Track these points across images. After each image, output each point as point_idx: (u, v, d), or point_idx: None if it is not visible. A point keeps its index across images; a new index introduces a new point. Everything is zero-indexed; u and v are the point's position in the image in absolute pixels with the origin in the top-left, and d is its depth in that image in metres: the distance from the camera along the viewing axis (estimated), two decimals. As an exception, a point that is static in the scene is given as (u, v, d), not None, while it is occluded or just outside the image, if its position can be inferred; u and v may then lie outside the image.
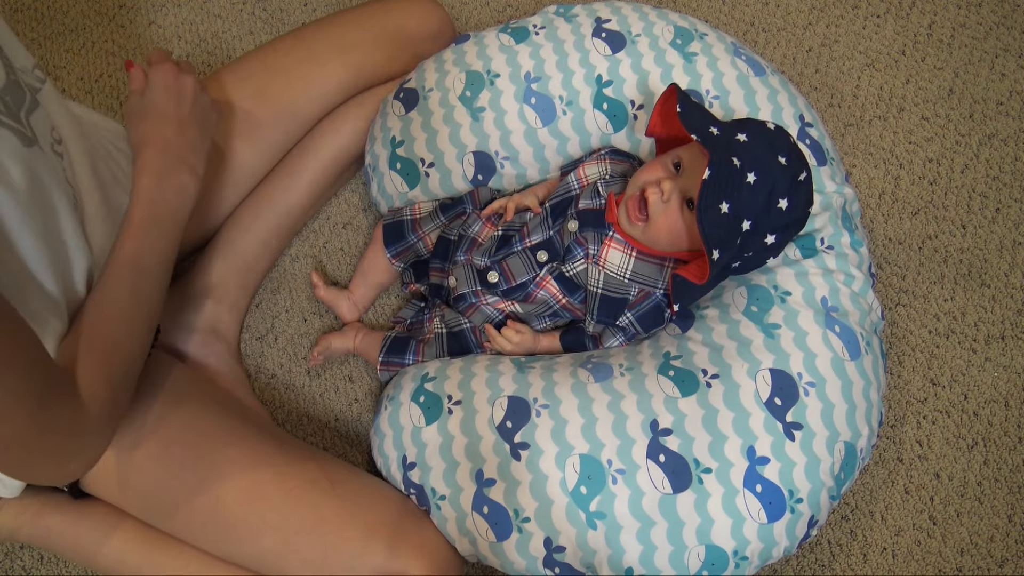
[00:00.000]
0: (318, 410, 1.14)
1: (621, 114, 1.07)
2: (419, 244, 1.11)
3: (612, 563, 0.86)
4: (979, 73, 1.32)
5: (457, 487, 0.91)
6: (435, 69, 1.12)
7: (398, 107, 1.11)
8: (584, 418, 0.89)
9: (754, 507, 0.86)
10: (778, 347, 0.92)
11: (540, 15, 1.14)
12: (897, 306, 1.18)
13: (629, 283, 0.96)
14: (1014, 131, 1.28)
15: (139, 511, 0.92)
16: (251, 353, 1.16)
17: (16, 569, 1.06)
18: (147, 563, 0.93)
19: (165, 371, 0.96)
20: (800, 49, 1.34)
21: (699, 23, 1.12)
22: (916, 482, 1.09)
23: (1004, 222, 1.23)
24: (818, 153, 1.05)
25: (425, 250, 1.11)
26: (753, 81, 1.07)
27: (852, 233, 1.03)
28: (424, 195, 1.12)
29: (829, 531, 1.07)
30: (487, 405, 0.93)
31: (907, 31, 1.35)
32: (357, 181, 1.25)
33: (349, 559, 0.86)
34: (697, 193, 0.83)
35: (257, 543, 0.87)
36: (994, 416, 1.12)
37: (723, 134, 0.86)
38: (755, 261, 0.93)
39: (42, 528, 0.96)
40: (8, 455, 0.64)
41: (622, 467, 0.87)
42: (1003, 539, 1.07)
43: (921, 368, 1.15)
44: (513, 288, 1.00)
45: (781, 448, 0.88)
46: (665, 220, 0.90)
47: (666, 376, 0.92)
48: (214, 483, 0.87)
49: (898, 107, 1.30)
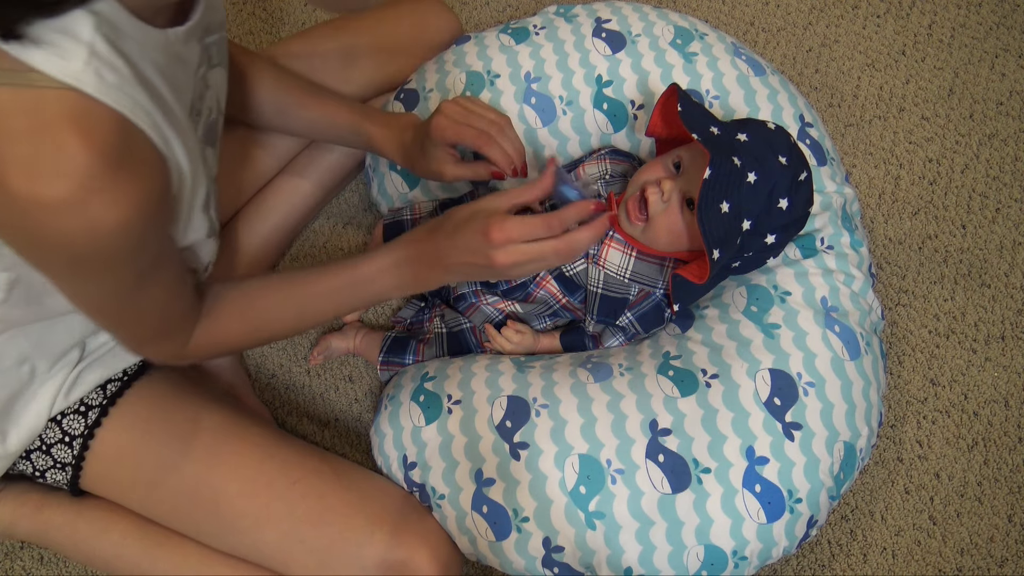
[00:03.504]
0: (318, 410, 1.14)
1: (621, 114, 1.07)
2: (419, 244, 1.11)
3: (611, 563, 0.86)
4: (979, 73, 1.32)
5: (456, 487, 0.91)
6: (435, 70, 1.12)
7: (398, 108, 1.11)
8: (583, 418, 0.89)
9: (753, 507, 0.86)
10: (778, 347, 0.92)
11: (540, 15, 1.14)
12: (897, 306, 1.18)
13: (629, 283, 0.96)
14: (1014, 131, 1.28)
15: (141, 505, 0.92)
16: (251, 353, 1.16)
17: (16, 569, 1.06)
18: (145, 558, 0.94)
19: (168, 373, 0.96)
20: (800, 49, 1.34)
21: (699, 23, 1.12)
22: (916, 482, 1.09)
23: (1004, 222, 1.23)
24: (818, 153, 1.05)
25: (425, 250, 1.11)
26: (753, 81, 1.07)
27: (852, 233, 1.03)
28: (424, 195, 1.12)
29: (829, 531, 1.07)
30: (487, 405, 0.93)
31: (907, 31, 1.35)
32: (358, 181, 1.25)
33: (355, 548, 0.87)
34: (697, 193, 0.82)
35: (261, 534, 0.88)
36: (994, 416, 1.12)
37: (724, 134, 0.86)
38: (755, 261, 0.93)
39: (41, 522, 0.96)
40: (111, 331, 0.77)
41: (621, 467, 0.87)
42: (1003, 539, 1.07)
43: (921, 368, 1.15)
44: (513, 288, 1.00)
45: (780, 448, 0.88)
46: (665, 220, 0.90)
47: (666, 376, 0.92)
48: (218, 475, 0.88)
49: (898, 107, 1.30)
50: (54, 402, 0.86)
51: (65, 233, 0.57)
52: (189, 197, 0.71)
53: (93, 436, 0.88)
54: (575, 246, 0.79)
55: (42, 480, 0.91)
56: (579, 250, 0.80)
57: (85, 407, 0.89)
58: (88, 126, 0.55)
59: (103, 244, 0.59)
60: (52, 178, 0.55)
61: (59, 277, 0.66)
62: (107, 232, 0.58)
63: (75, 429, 0.88)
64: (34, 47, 0.54)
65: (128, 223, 0.59)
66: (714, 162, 0.82)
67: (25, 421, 0.86)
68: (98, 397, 0.90)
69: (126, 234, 0.59)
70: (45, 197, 0.55)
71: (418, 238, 0.84)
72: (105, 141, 0.56)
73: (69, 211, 0.56)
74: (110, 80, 0.57)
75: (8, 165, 0.54)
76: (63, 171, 0.55)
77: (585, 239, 0.79)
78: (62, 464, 0.89)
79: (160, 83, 0.63)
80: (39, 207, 0.55)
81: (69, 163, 0.55)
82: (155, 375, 0.95)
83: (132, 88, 0.59)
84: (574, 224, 0.80)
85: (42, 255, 0.62)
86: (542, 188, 0.83)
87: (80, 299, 0.70)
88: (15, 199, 0.55)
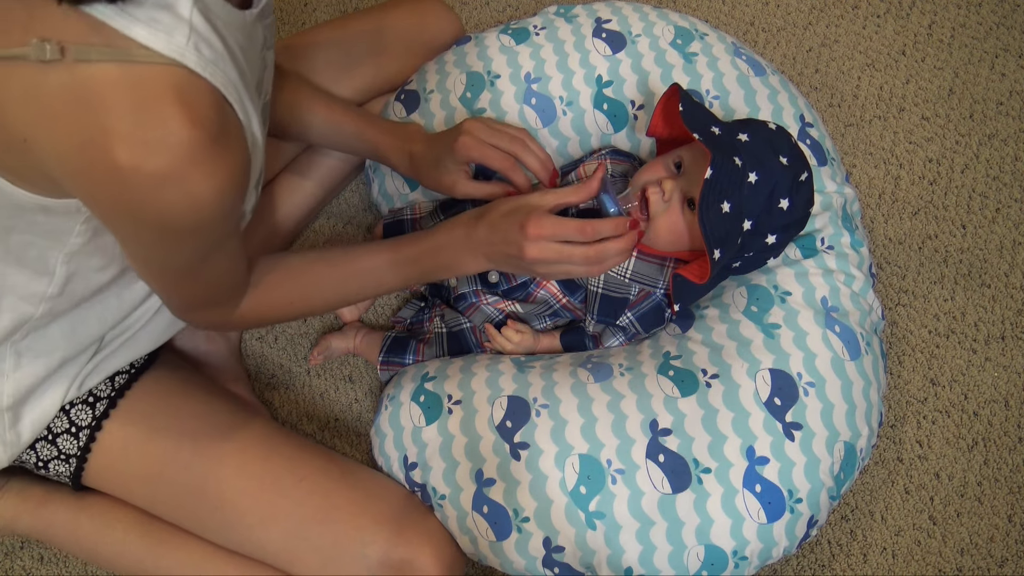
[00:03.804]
0: (318, 410, 1.14)
1: (621, 114, 1.07)
2: (420, 244, 1.11)
3: (611, 563, 0.86)
4: (979, 73, 1.32)
5: (457, 487, 0.91)
6: (436, 71, 1.12)
7: (399, 109, 1.11)
8: (584, 418, 0.89)
9: (753, 507, 0.86)
10: (778, 347, 0.92)
11: (541, 15, 1.14)
12: (897, 306, 1.18)
13: (630, 283, 0.96)
14: (1014, 131, 1.28)
15: (145, 499, 0.92)
16: (251, 353, 1.16)
17: (16, 569, 1.06)
18: (148, 555, 0.94)
19: (175, 366, 0.97)
20: (800, 49, 1.34)
21: (699, 23, 1.12)
22: (916, 482, 1.09)
23: (1004, 222, 1.23)
24: (818, 153, 1.05)
25: (426, 250, 1.11)
26: (753, 81, 1.07)
27: (852, 233, 1.03)
28: (424, 196, 1.12)
29: (829, 531, 1.07)
30: (487, 405, 0.93)
31: (907, 31, 1.35)
32: (358, 181, 1.25)
33: (359, 546, 0.87)
34: (698, 193, 0.83)
35: (266, 531, 0.88)
36: (994, 416, 1.12)
37: (725, 134, 0.86)
38: (756, 261, 0.93)
39: (43, 518, 0.96)
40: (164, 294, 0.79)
41: (621, 467, 0.87)
42: (1003, 539, 1.07)
43: (921, 368, 1.15)
44: (513, 288, 1.00)
45: (781, 448, 0.88)
46: (666, 220, 0.90)
47: (666, 376, 0.92)
48: (225, 471, 0.89)
49: (898, 107, 1.30)
50: (68, 391, 0.87)
51: (166, 205, 0.59)
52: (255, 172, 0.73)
53: (100, 428, 0.89)
54: (604, 255, 0.82)
55: (44, 471, 0.91)
56: (607, 261, 0.83)
57: (93, 398, 0.89)
58: (191, 101, 0.57)
59: (200, 216, 0.61)
60: (157, 151, 0.56)
61: (139, 243, 0.68)
62: (205, 204, 0.60)
63: (82, 420, 0.88)
64: (137, 23, 0.55)
65: (223, 194, 0.61)
66: (715, 162, 0.82)
67: (40, 408, 0.86)
68: (106, 388, 0.90)
69: (220, 205, 0.61)
70: (149, 169, 0.57)
71: (461, 223, 0.87)
72: (206, 116, 0.58)
73: (172, 184, 0.58)
74: (208, 56, 0.58)
75: (113, 139, 0.55)
76: (167, 144, 0.56)
77: (614, 250, 0.82)
78: (66, 455, 0.89)
79: (243, 61, 0.65)
80: (143, 180, 0.57)
81: (173, 137, 0.56)
82: (162, 368, 0.95)
83: (225, 64, 0.61)
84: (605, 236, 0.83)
85: (136, 225, 0.64)
86: (588, 192, 0.86)
87: (145, 262, 0.72)
88: (119, 171, 0.56)
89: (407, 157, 0.99)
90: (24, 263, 0.74)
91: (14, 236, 0.71)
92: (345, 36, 1.11)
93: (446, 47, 1.16)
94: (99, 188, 0.60)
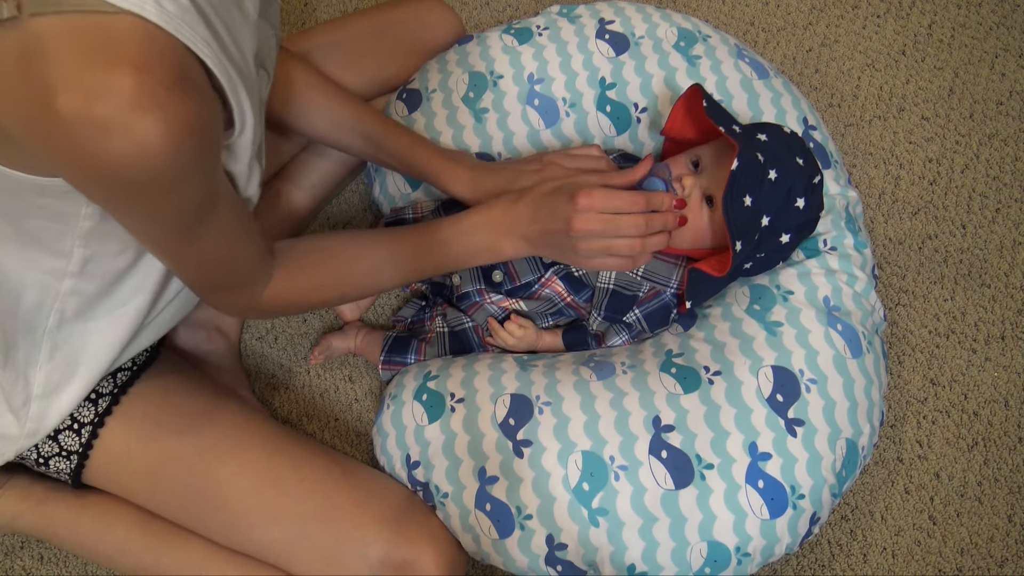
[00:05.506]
0: (318, 410, 1.14)
1: (624, 117, 1.07)
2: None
3: (614, 560, 0.86)
4: (979, 73, 1.32)
5: (460, 485, 0.91)
6: (438, 70, 1.12)
7: (401, 108, 1.11)
8: (586, 415, 0.89)
9: (756, 503, 0.86)
10: (780, 344, 0.92)
11: (543, 15, 1.14)
12: (897, 306, 1.18)
13: (641, 280, 0.96)
14: (1014, 131, 1.28)
15: (146, 499, 0.92)
16: (251, 353, 1.16)
17: (16, 569, 1.06)
18: (149, 554, 0.94)
19: (176, 365, 0.96)
20: (800, 49, 1.35)
21: (703, 24, 1.12)
22: (916, 482, 1.09)
23: (1004, 222, 1.23)
24: (822, 155, 1.05)
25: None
26: (757, 84, 1.07)
27: (856, 235, 1.03)
28: (426, 196, 1.12)
29: (829, 531, 1.07)
30: (490, 403, 0.93)
31: (907, 31, 1.35)
32: (358, 182, 1.25)
33: (361, 546, 0.87)
34: (719, 188, 0.85)
35: (268, 530, 0.88)
36: (994, 416, 1.12)
37: (745, 132, 0.88)
38: (767, 262, 0.94)
39: (44, 516, 0.96)
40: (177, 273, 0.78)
41: (624, 464, 0.87)
42: (1003, 539, 1.07)
43: (921, 368, 1.15)
44: (518, 287, 1.00)
45: (783, 444, 0.88)
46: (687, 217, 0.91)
47: (668, 373, 0.92)
48: (227, 470, 0.89)
49: (898, 107, 1.30)
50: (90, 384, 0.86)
51: (116, 157, 0.57)
52: (253, 148, 0.72)
53: (103, 424, 0.88)
54: (652, 226, 0.83)
55: (44, 468, 0.90)
56: (654, 230, 0.84)
57: (96, 394, 0.89)
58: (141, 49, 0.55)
59: (154, 166, 0.58)
60: (98, 97, 0.54)
61: (120, 210, 0.66)
62: (157, 152, 0.57)
63: (85, 416, 0.88)
64: None
65: (178, 146, 0.58)
66: (742, 154, 0.84)
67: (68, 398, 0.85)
68: (108, 385, 0.89)
69: (177, 155, 0.58)
70: (92, 117, 0.54)
71: (499, 204, 0.87)
72: (156, 63, 0.56)
73: (117, 132, 0.55)
74: (171, 10, 0.56)
75: (56, 89, 0.53)
76: (108, 89, 0.54)
77: (660, 222, 0.83)
78: (68, 452, 0.88)
79: (217, 22, 0.63)
80: (87, 129, 0.55)
81: (115, 82, 0.54)
82: (163, 366, 0.95)
83: (193, 20, 0.58)
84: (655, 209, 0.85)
85: (99, 188, 0.62)
86: (636, 175, 0.88)
87: (140, 236, 0.71)
88: (64, 124, 0.54)
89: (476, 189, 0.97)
90: (43, 244, 0.73)
91: (29, 221, 0.70)
92: (346, 36, 1.11)
93: (447, 47, 1.16)
94: (54, 148, 0.58)
